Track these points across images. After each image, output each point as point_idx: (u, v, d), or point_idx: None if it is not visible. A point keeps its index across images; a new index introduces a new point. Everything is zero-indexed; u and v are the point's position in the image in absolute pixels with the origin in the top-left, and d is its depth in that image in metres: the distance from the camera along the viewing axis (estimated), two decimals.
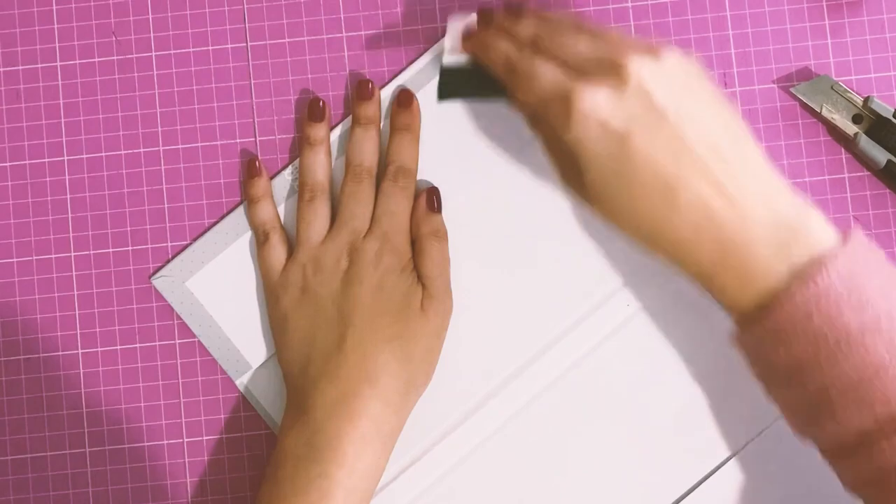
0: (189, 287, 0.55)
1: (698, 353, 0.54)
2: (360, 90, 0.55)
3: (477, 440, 0.54)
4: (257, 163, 0.55)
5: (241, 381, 0.55)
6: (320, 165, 0.55)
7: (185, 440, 0.55)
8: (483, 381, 0.54)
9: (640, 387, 0.54)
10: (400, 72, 0.56)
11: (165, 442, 0.55)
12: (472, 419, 0.54)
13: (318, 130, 0.55)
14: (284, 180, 0.56)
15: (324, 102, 0.55)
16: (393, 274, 0.52)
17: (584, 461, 0.54)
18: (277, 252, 0.54)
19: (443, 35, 0.55)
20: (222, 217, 0.56)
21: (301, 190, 0.54)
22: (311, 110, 0.55)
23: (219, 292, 0.55)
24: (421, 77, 0.56)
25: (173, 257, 0.56)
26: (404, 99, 0.55)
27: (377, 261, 0.52)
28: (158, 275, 0.55)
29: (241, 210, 0.56)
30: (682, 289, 0.54)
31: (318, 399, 0.50)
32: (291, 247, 0.55)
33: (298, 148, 0.55)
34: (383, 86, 0.56)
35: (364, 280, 0.51)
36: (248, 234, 0.55)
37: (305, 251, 0.53)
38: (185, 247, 0.56)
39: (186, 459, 0.55)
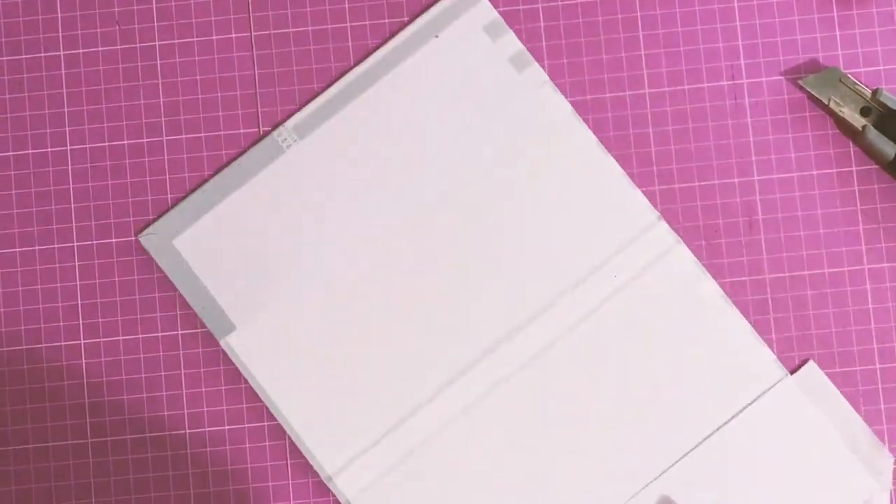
0: (176, 245, 0.55)
1: (686, 323, 0.54)
2: None
3: (461, 407, 0.54)
4: None
5: (226, 342, 0.55)
6: None
7: (188, 431, 0.55)
8: (470, 346, 0.54)
9: (627, 357, 0.54)
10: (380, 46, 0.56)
11: (167, 433, 0.55)
12: (457, 383, 0.54)
13: None
14: (273, 140, 0.56)
15: None
16: None
17: (574, 428, 0.54)
18: None
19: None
20: (210, 177, 0.56)
21: None
22: None
23: (205, 252, 0.55)
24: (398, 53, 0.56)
25: (160, 215, 0.55)
26: None
27: None
28: (145, 232, 0.55)
29: (229, 170, 0.55)
30: (671, 259, 0.54)
31: None
32: None
33: None
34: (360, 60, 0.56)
35: None
36: (236, 194, 0.55)
37: None
38: (173, 205, 0.56)
39: (189, 451, 0.55)
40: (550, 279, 0.55)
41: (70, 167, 0.56)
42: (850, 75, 0.54)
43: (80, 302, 0.56)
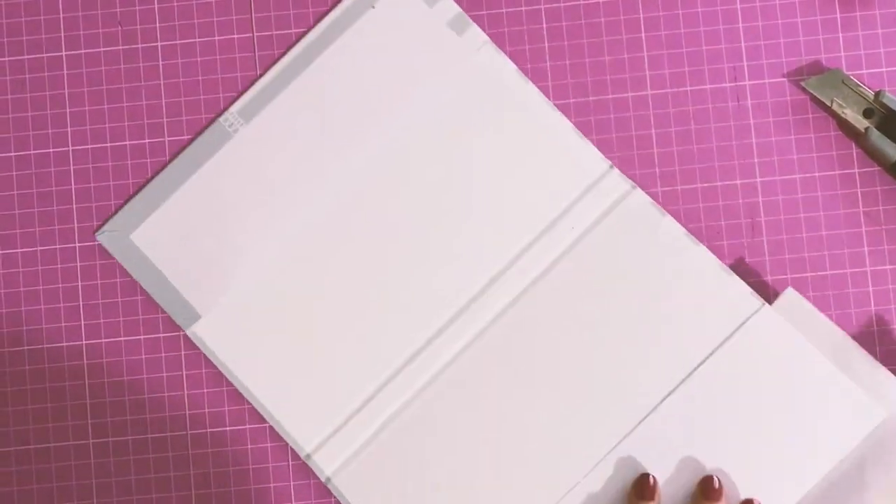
0: (134, 240, 0.55)
1: (653, 264, 0.54)
2: (706, 487, 0.51)
3: (432, 374, 0.54)
4: (651, 480, 0.51)
5: (193, 331, 0.55)
6: None
7: (189, 432, 0.55)
8: (435, 313, 0.54)
9: (596, 305, 0.54)
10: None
11: (169, 434, 0.55)
12: (426, 351, 0.54)
13: None
14: (220, 127, 0.56)
15: (654, 479, 0.51)
16: None
17: (551, 381, 0.53)
18: None
19: None
20: (162, 168, 0.56)
21: None
22: (639, 487, 0.51)
23: (163, 244, 0.55)
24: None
25: (115, 212, 0.55)
26: (708, 488, 0.51)
27: None
28: (102, 230, 0.55)
29: (180, 160, 0.55)
30: (628, 204, 0.54)
31: None
32: None
33: None
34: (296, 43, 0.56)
35: None
36: (189, 182, 0.55)
37: None
38: (127, 201, 0.56)
39: (190, 452, 0.55)
40: (509, 238, 0.54)
41: (72, 167, 0.56)
42: (852, 77, 0.54)
43: (81, 303, 0.55)
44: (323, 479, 0.54)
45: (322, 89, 0.55)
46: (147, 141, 0.56)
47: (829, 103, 0.54)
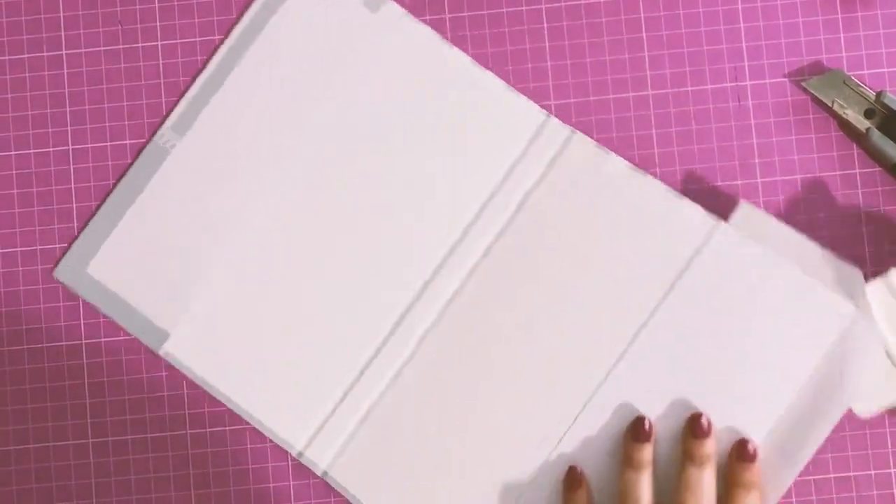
0: (91, 272, 0.55)
1: (606, 202, 0.54)
2: (694, 426, 0.49)
3: (408, 353, 0.54)
4: (647, 424, 0.50)
5: (165, 350, 0.55)
6: (646, 494, 0.49)
7: (189, 432, 0.55)
8: (401, 293, 0.54)
9: (557, 254, 0.54)
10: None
11: (169, 434, 0.55)
12: (398, 332, 0.54)
13: (642, 453, 0.50)
14: (157, 146, 0.55)
15: (650, 423, 0.50)
16: None
17: (525, 337, 0.53)
18: None
19: None
20: (107, 195, 0.55)
21: None
22: (634, 430, 0.50)
23: (120, 270, 0.55)
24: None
25: (68, 248, 0.55)
26: (742, 451, 0.49)
27: None
28: (58, 268, 0.55)
29: (122, 185, 0.55)
30: (572, 149, 0.54)
31: None
32: None
33: (619, 467, 0.51)
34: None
35: None
36: (136, 205, 0.55)
37: None
38: (77, 235, 0.55)
39: (189, 451, 0.55)
40: (461, 207, 0.54)
41: (72, 166, 0.56)
42: (854, 77, 0.54)
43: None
44: (320, 474, 0.54)
45: (249, 91, 0.55)
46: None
47: (830, 104, 0.54)
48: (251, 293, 0.55)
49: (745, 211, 0.53)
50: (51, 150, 0.56)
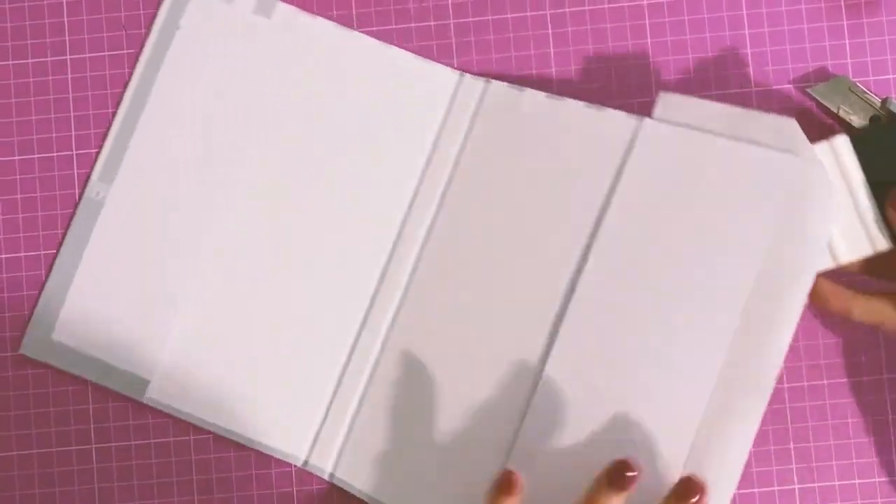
0: (56, 339, 0.55)
1: (532, 145, 0.53)
2: (618, 476, 0.45)
3: (383, 338, 0.54)
4: (514, 478, 0.47)
5: (149, 397, 0.54)
6: None
7: (192, 437, 0.55)
8: (367, 271, 0.55)
9: (502, 207, 0.53)
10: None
11: (172, 439, 0.55)
12: (369, 321, 0.54)
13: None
14: (89, 200, 0.55)
15: (516, 478, 0.47)
16: None
17: (485, 295, 0.53)
18: None
19: None
20: (53, 260, 0.55)
21: None
22: (500, 484, 0.47)
23: (85, 331, 0.55)
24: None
25: (28, 319, 0.55)
26: (686, 490, 0.45)
27: None
28: (22, 345, 0.55)
29: (66, 245, 0.55)
30: (491, 99, 0.54)
31: None
32: None
33: None
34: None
35: None
36: (83, 263, 0.55)
37: None
38: (34, 306, 0.55)
39: (193, 457, 0.55)
40: (400, 185, 0.55)
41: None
42: (859, 84, 0.54)
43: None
44: (327, 478, 0.54)
45: (167, 127, 0.55)
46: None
47: (835, 110, 0.54)
48: (219, 318, 0.55)
49: (665, 100, 0.51)
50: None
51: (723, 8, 0.55)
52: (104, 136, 0.56)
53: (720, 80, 0.55)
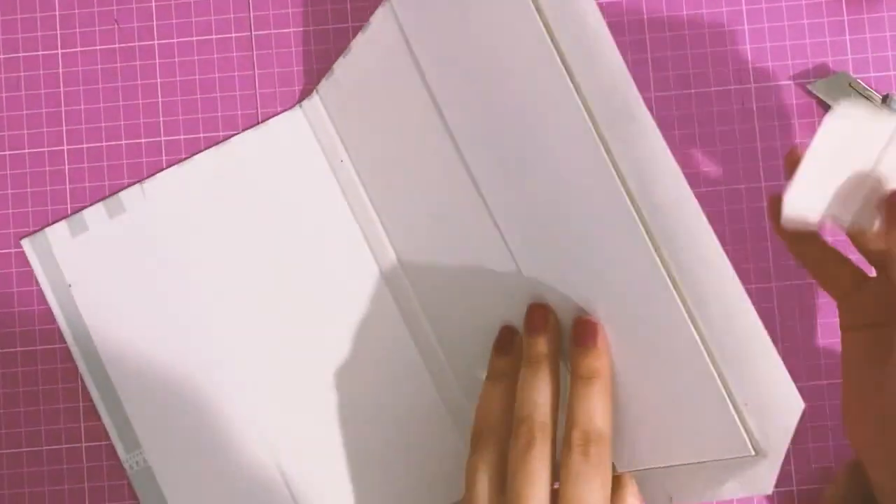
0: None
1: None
2: (528, 322, 0.43)
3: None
4: (512, 336, 0.45)
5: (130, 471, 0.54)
6: (497, 405, 0.43)
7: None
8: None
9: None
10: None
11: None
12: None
13: (538, 345, 0.43)
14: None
15: (543, 313, 0.44)
16: None
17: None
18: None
19: None
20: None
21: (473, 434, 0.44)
22: (528, 321, 0.44)
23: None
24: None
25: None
26: (582, 333, 0.42)
27: None
28: None
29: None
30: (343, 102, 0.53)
31: None
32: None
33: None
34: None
35: None
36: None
37: None
38: None
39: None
40: (343, 221, 0.54)
41: (66, 167, 0.55)
42: (859, 80, 0.53)
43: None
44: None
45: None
46: (143, 141, 0.56)
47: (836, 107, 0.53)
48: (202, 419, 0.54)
49: None
50: (45, 150, 0.56)
51: (722, 4, 0.55)
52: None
53: (719, 76, 0.55)
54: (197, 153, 0.55)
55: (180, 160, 0.55)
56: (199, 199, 0.55)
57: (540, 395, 0.41)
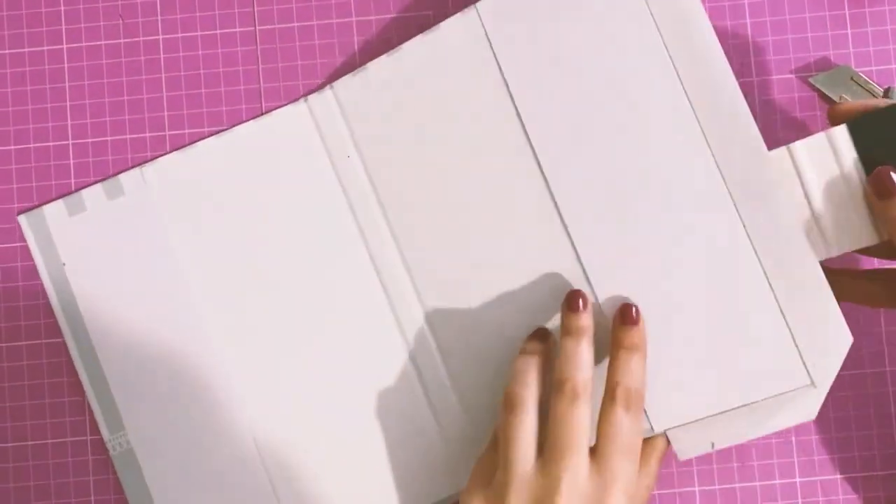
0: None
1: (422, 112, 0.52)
2: (571, 301, 0.48)
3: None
4: (581, 300, 0.48)
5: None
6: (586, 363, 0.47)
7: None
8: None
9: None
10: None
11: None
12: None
13: (581, 320, 0.48)
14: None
15: (583, 296, 0.48)
16: None
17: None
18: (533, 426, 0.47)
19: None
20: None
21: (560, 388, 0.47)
22: (569, 302, 0.48)
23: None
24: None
25: None
26: (627, 315, 0.48)
27: None
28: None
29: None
30: (361, 105, 0.53)
31: None
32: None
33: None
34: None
35: None
36: None
37: (511, 479, 0.45)
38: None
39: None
40: (343, 224, 0.54)
41: (72, 161, 0.56)
42: (861, 73, 0.53)
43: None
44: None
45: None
46: (148, 135, 0.56)
47: (837, 100, 0.53)
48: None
49: None
50: (50, 144, 0.56)
51: None
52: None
53: None
54: (197, 141, 0.55)
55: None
56: (197, 186, 0.55)
57: (582, 361, 0.46)
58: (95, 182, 0.55)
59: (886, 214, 0.45)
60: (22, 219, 0.55)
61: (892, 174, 0.45)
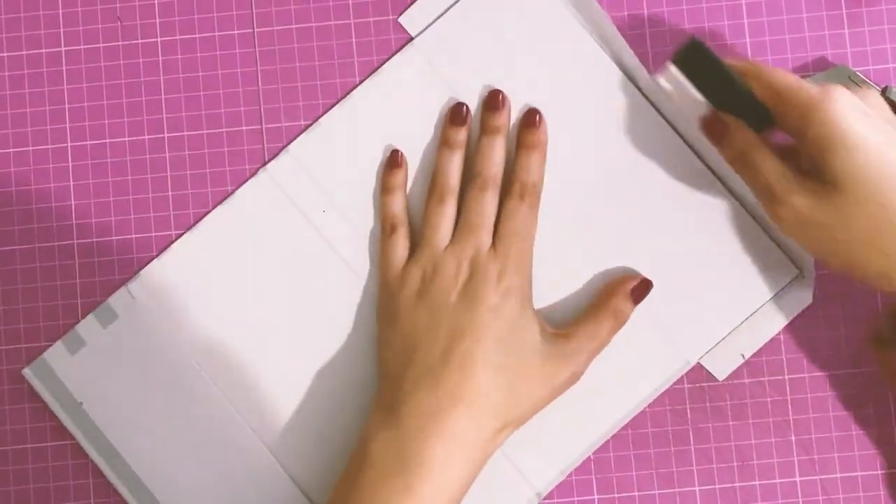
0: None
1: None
2: (491, 100, 0.54)
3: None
4: (399, 155, 0.54)
5: None
6: (455, 168, 0.54)
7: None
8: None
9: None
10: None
11: None
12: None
13: (458, 134, 0.54)
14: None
15: (467, 108, 0.54)
16: (513, 298, 0.51)
17: None
18: (401, 247, 0.53)
19: None
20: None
21: (432, 190, 0.54)
22: (452, 115, 0.54)
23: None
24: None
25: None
26: (530, 118, 0.54)
27: (498, 282, 0.51)
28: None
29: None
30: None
31: (414, 407, 0.49)
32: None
33: (437, 150, 0.54)
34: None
35: (483, 299, 0.50)
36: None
37: (428, 254, 0.52)
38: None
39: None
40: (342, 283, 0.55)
41: (70, 164, 0.56)
42: (859, 73, 0.53)
43: (80, 301, 0.55)
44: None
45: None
46: (146, 137, 0.56)
47: None
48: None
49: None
50: (49, 147, 0.56)
51: None
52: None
53: None
54: (172, 243, 0.55)
55: (183, 157, 0.56)
56: (185, 286, 0.55)
57: (496, 156, 0.53)
58: (95, 182, 0.55)
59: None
60: (27, 372, 0.54)
61: (715, 119, 0.50)
